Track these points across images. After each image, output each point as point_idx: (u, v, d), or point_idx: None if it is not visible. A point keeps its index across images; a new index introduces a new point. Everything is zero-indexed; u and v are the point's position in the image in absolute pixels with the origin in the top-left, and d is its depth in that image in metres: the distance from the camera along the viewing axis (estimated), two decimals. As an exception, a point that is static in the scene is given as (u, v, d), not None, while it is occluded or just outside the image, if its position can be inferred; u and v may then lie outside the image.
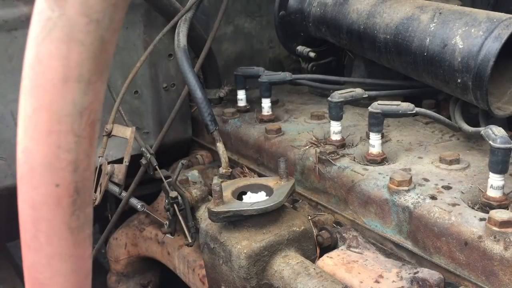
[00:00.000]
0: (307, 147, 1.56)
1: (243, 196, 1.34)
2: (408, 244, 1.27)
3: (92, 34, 0.42)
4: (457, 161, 1.38)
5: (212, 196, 1.28)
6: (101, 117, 0.91)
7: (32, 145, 0.43)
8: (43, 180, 0.44)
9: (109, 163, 1.99)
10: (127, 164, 1.67)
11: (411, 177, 1.29)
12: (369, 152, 1.44)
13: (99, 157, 1.99)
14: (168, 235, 1.67)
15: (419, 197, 1.24)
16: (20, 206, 0.45)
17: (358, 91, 1.56)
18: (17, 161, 0.45)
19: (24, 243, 0.46)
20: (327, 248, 1.36)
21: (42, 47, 0.42)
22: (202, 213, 1.55)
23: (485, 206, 1.19)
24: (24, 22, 1.68)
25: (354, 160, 1.46)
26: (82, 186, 0.45)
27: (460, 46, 1.37)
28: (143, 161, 1.72)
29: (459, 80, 1.39)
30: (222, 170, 1.69)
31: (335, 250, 1.32)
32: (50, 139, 0.43)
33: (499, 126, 1.23)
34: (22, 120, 0.43)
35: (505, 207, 1.17)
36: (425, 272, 1.16)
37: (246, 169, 1.73)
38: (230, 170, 1.70)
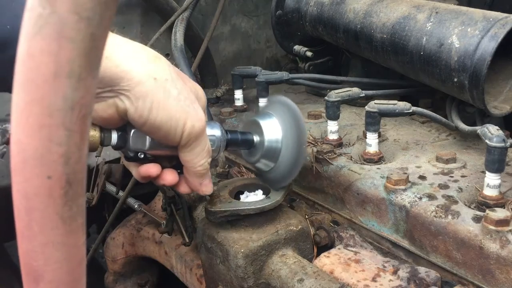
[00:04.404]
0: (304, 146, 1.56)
1: (240, 196, 1.34)
2: (405, 243, 1.27)
3: (83, 31, 0.43)
4: (453, 160, 1.39)
5: (209, 196, 1.28)
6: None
7: (24, 138, 0.44)
8: (35, 172, 0.45)
9: (106, 162, 1.99)
10: (124, 163, 1.67)
11: (407, 176, 1.29)
12: (366, 151, 1.45)
13: (96, 156, 1.99)
14: (165, 235, 1.67)
15: (415, 196, 1.25)
16: (14, 196, 0.47)
17: (355, 90, 1.56)
18: (10, 152, 0.46)
19: (18, 232, 0.47)
20: (324, 247, 1.36)
21: (33, 43, 0.43)
22: (199, 213, 1.55)
23: (482, 205, 1.19)
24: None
25: (351, 159, 1.46)
26: (74, 178, 0.46)
27: (457, 45, 1.38)
28: (140, 160, 1.71)
29: (455, 79, 1.39)
30: (219, 169, 1.69)
31: (332, 249, 1.32)
32: (42, 133, 0.44)
33: (496, 125, 1.23)
34: (14, 113, 0.44)
35: (502, 206, 1.17)
36: (422, 271, 1.16)
37: (243, 169, 1.73)
38: (227, 169, 1.70)
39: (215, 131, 1.11)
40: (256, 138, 1.20)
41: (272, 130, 1.19)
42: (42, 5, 0.42)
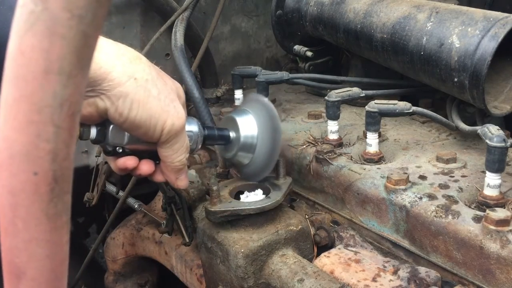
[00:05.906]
0: (304, 146, 1.56)
1: (240, 196, 1.34)
2: (405, 243, 1.27)
3: (74, 29, 0.43)
4: (454, 160, 1.39)
5: (209, 196, 1.28)
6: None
7: (12, 133, 0.44)
8: (22, 168, 0.45)
9: (106, 162, 1.99)
10: (124, 163, 1.67)
11: (408, 176, 1.29)
12: (366, 151, 1.45)
13: (96, 156, 1.99)
14: (165, 235, 1.67)
15: (416, 196, 1.25)
16: None
17: (355, 90, 1.56)
18: None
19: (2, 228, 0.47)
20: (324, 247, 1.36)
21: (24, 40, 0.43)
22: (199, 213, 1.55)
23: (482, 204, 1.19)
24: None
25: (351, 159, 1.46)
26: (61, 175, 0.46)
27: (457, 45, 1.37)
28: (140, 160, 1.71)
29: (455, 79, 1.39)
30: (219, 169, 1.69)
31: (333, 249, 1.32)
32: (30, 129, 0.44)
33: (496, 125, 1.23)
34: (3, 109, 0.44)
35: (502, 205, 1.17)
36: (422, 271, 1.16)
37: (244, 169, 1.72)
38: (228, 169, 1.70)
39: (192, 127, 1.15)
40: (232, 134, 1.25)
41: (248, 126, 1.25)
42: (34, 1, 0.42)
